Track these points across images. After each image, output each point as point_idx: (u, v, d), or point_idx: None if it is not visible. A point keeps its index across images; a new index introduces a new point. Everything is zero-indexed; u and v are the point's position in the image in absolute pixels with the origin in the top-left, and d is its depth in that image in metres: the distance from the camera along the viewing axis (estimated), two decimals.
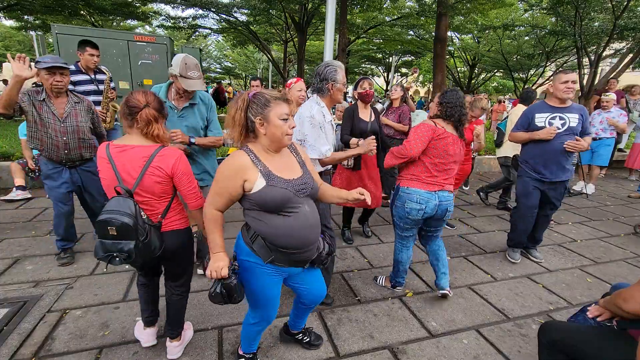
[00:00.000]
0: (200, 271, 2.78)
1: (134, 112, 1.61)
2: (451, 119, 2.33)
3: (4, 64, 14.25)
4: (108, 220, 1.48)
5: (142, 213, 1.58)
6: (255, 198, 1.43)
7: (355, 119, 3.18)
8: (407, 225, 2.44)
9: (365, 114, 3.25)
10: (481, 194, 4.97)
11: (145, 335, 2.01)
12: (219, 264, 1.44)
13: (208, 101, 2.53)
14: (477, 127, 3.71)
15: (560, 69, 16.32)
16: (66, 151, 2.62)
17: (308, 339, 2.04)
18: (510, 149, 4.48)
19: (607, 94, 5.66)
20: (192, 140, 2.37)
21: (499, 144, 4.64)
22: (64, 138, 2.58)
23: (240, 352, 1.87)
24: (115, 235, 1.50)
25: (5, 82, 12.17)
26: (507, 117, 4.67)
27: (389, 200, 4.73)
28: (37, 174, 4.23)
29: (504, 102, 12.86)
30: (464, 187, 5.87)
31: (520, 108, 4.64)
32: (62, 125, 2.57)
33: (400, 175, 2.45)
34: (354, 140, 2.98)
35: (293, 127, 1.48)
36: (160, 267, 1.97)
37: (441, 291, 2.54)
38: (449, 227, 4.08)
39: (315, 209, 1.58)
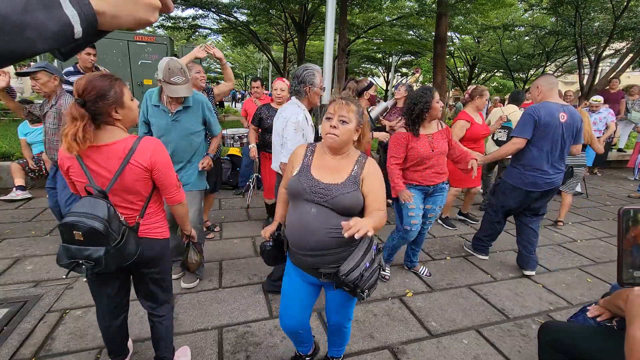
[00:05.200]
0: (184, 285, 2.68)
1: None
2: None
3: None
4: (74, 224, 1.28)
5: (119, 215, 1.40)
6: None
7: None
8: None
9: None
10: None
11: None
12: (267, 228, 1.67)
13: (204, 102, 2.50)
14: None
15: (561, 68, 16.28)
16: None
17: None
18: None
19: (595, 97, 5.82)
20: (212, 155, 2.63)
21: None
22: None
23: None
24: (82, 241, 1.30)
25: None
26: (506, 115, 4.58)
27: (389, 200, 4.77)
28: (36, 173, 4.23)
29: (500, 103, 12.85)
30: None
31: (513, 108, 4.59)
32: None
33: None
34: None
35: (332, 127, 1.43)
36: (129, 287, 1.71)
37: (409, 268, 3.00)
38: (449, 227, 4.08)
39: (329, 218, 1.43)
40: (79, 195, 1.49)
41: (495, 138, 4.72)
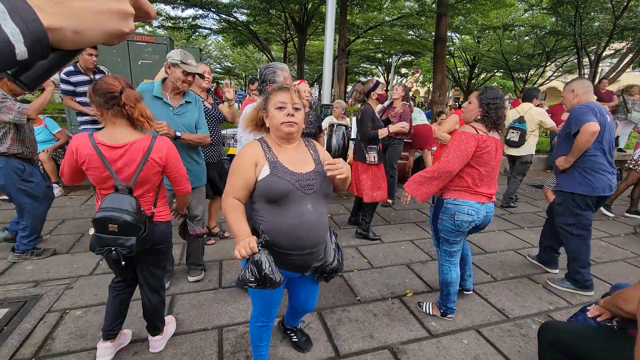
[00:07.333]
0: (191, 278, 2.69)
1: (113, 98, 1.49)
2: (492, 122, 2.11)
3: None
4: (108, 218, 1.50)
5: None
6: (260, 186, 1.41)
7: (375, 119, 3.48)
8: (456, 239, 2.23)
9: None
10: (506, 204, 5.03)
11: (101, 349, 1.84)
12: (247, 240, 1.28)
13: (198, 101, 2.54)
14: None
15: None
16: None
17: (297, 340, 2.06)
18: (532, 147, 4.79)
19: None
20: (178, 134, 2.24)
21: (521, 144, 4.68)
22: None
23: None
24: (116, 232, 1.52)
25: None
26: (521, 116, 4.65)
27: (389, 201, 4.77)
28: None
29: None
30: None
31: (529, 106, 4.68)
32: None
33: (445, 186, 2.23)
34: (383, 130, 3.39)
35: (290, 115, 1.41)
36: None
37: (466, 292, 2.67)
38: None
39: (322, 210, 1.48)
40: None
41: (508, 138, 4.74)
